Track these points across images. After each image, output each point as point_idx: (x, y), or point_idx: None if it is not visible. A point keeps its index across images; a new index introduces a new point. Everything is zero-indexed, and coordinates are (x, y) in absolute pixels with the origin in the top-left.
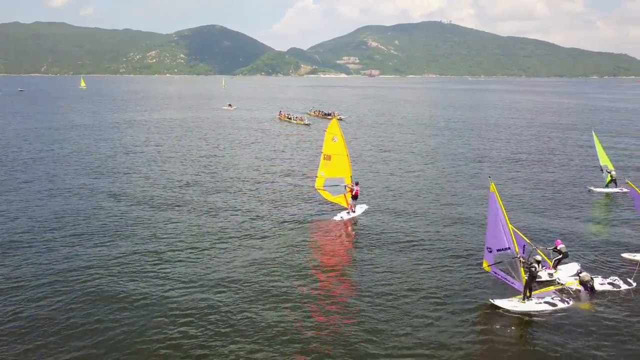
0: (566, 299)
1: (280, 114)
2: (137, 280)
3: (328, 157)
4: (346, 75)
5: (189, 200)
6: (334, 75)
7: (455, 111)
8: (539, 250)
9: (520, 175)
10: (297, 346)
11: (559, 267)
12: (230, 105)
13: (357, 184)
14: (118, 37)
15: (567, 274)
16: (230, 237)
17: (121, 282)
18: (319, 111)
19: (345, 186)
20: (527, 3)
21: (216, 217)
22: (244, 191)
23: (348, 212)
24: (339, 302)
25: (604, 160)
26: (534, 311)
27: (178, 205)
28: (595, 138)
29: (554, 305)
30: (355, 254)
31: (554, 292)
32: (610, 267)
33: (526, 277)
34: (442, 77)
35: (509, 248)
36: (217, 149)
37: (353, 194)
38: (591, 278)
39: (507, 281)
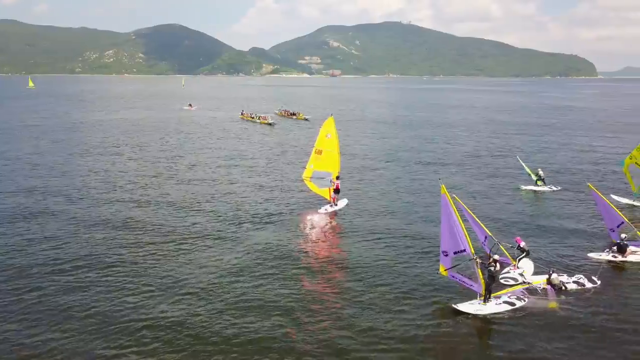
0: (531, 298)
1: (242, 113)
2: (86, 291)
3: (319, 152)
4: (308, 75)
5: (148, 204)
6: (296, 75)
7: (415, 110)
8: (501, 246)
9: (467, 172)
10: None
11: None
12: (190, 105)
13: (337, 178)
14: (74, 35)
15: (528, 271)
16: (203, 236)
17: (76, 289)
18: (286, 111)
19: (330, 180)
20: (482, 5)
21: (187, 215)
22: (210, 192)
23: (331, 205)
24: (308, 296)
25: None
26: (496, 312)
27: (139, 207)
28: (520, 162)
29: (514, 305)
30: (333, 247)
31: (521, 291)
32: (575, 266)
33: (485, 278)
34: (403, 76)
35: (465, 250)
36: (179, 150)
37: (334, 188)
38: (561, 282)
39: (465, 284)
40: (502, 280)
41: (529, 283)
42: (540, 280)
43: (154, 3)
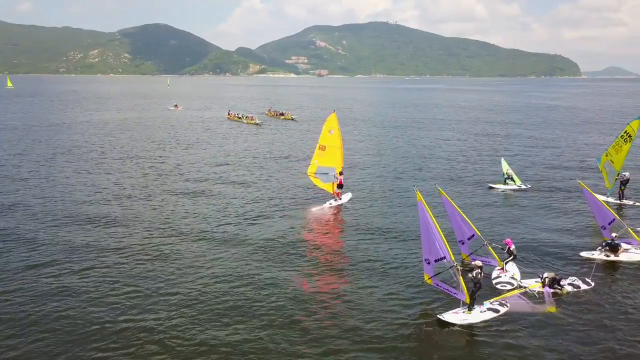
0: (528, 303)
1: (229, 113)
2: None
3: (323, 148)
4: (295, 75)
5: (133, 202)
6: (283, 75)
7: (401, 110)
8: (490, 247)
9: (447, 173)
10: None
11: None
12: (176, 105)
13: (341, 173)
14: (57, 35)
15: (513, 274)
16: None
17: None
18: (275, 111)
19: (334, 175)
20: (467, 5)
21: (188, 213)
22: (201, 190)
23: (335, 200)
24: (295, 294)
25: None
26: (482, 321)
27: (127, 206)
28: (503, 163)
29: (499, 311)
30: (331, 244)
31: (518, 296)
32: (568, 266)
33: (468, 286)
34: (390, 76)
35: (445, 257)
36: (162, 151)
37: (338, 183)
38: (556, 278)
39: (449, 292)
40: (498, 286)
41: (525, 287)
42: (536, 284)
43: (139, 2)
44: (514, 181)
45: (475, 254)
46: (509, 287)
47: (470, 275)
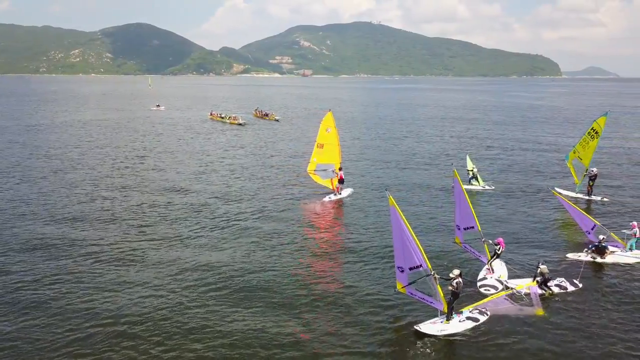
0: (514, 305)
1: (211, 113)
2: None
3: (321, 146)
4: (279, 75)
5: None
6: (267, 75)
7: (385, 109)
8: (485, 245)
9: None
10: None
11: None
12: (158, 105)
13: (340, 169)
14: (37, 34)
15: (503, 271)
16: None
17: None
18: (260, 111)
19: (333, 171)
20: (449, 5)
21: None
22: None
23: (335, 194)
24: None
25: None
26: (461, 331)
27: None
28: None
29: (478, 320)
30: (323, 240)
31: (505, 298)
32: (555, 268)
33: (447, 296)
34: (374, 76)
35: (421, 265)
36: (145, 151)
37: (338, 178)
38: (548, 276)
39: (425, 301)
40: (481, 289)
41: (512, 288)
42: (523, 285)
43: (121, 2)
44: (478, 182)
45: (469, 244)
46: (492, 290)
47: (450, 287)
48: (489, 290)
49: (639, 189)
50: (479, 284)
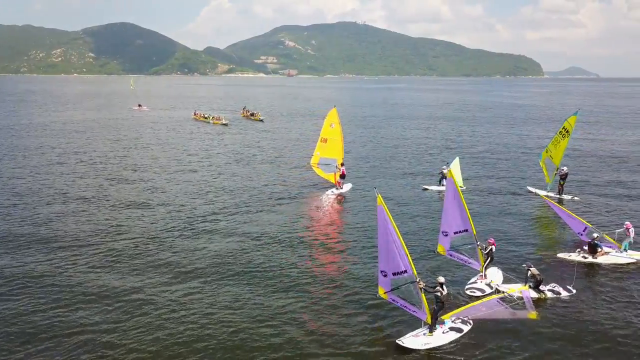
0: (507, 309)
1: (195, 113)
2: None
3: (324, 140)
4: (265, 75)
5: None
6: (252, 75)
7: (369, 109)
8: (479, 249)
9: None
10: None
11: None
12: (140, 105)
13: (342, 164)
14: (17, 33)
15: (498, 280)
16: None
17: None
18: (247, 111)
19: (336, 166)
20: (433, 5)
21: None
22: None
23: (337, 188)
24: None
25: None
26: (446, 343)
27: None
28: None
29: (462, 330)
30: (319, 236)
31: (497, 301)
32: (546, 272)
33: (431, 305)
34: (359, 76)
35: (406, 271)
36: (126, 151)
37: (340, 173)
38: (539, 276)
39: (407, 310)
40: (467, 292)
41: (503, 292)
42: (515, 289)
43: (103, 1)
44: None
45: (457, 251)
46: (478, 293)
47: (434, 296)
48: (474, 292)
49: (620, 188)
50: (466, 286)
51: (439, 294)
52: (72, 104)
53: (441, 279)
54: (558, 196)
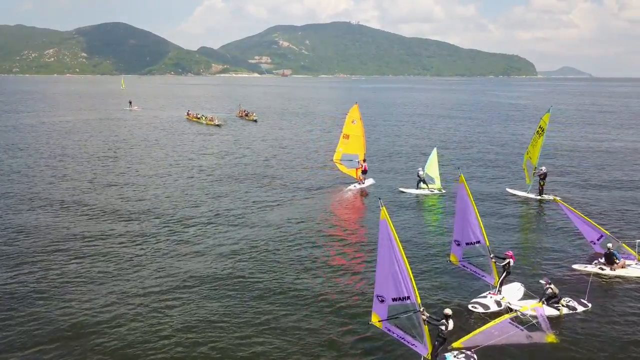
0: (517, 332)
1: (188, 114)
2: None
3: (347, 137)
4: (259, 75)
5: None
6: (246, 75)
7: (368, 109)
8: (493, 263)
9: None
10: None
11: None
12: (131, 103)
13: (364, 161)
14: (9, 33)
15: (513, 297)
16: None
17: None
18: (243, 111)
19: (358, 161)
20: (425, 6)
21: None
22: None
23: (359, 183)
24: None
25: (429, 170)
26: None
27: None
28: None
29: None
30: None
31: (509, 322)
32: (560, 282)
33: (433, 339)
34: (354, 76)
35: (409, 297)
36: (112, 151)
37: (363, 169)
38: (553, 292)
39: (405, 342)
40: (469, 306)
41: (516, 310)
42: (528, 306)
43: (97, 1)
44: (426, 185)
45: (470, 262)
46: (480, 309)
47: (441, 327)
48: (476, 307)
49: (614, 190)
50: (472, 300)
51: (443, 327)
52: (64, 105)
53: (448, 311)
54: (539, 197)
